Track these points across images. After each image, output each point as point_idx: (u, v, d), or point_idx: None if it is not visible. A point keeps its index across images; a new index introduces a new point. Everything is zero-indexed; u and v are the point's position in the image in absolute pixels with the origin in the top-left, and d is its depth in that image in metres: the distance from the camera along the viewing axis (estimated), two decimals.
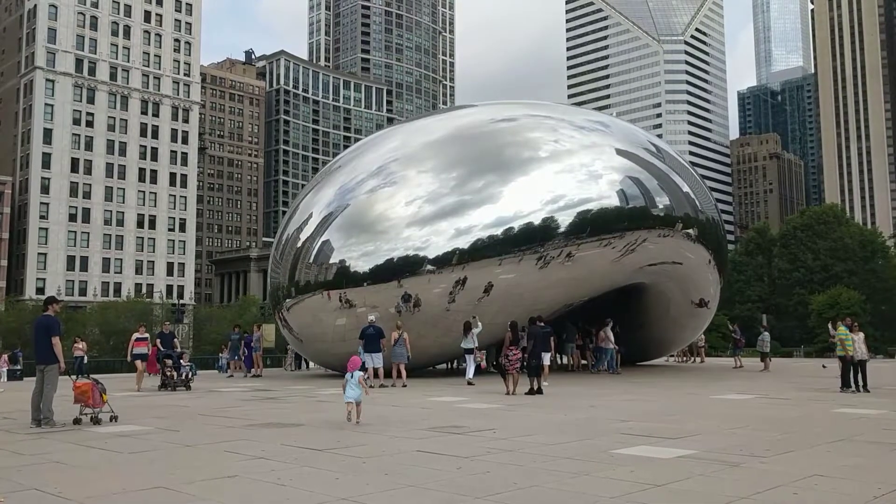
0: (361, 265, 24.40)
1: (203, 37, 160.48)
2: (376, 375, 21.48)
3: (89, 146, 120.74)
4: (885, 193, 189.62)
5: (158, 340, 22.98)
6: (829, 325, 22.34)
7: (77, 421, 12.65)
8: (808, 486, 7.51)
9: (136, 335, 23.02)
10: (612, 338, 27.70)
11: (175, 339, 23.80)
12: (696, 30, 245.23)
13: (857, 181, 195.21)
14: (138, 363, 22.34)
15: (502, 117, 29.55)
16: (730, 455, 9.28)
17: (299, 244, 26.11)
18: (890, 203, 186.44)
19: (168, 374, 21.70)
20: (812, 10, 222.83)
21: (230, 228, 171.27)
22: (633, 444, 10.09)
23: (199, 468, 8.66)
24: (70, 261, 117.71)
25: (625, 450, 9.66)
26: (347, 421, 12.55)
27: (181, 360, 22.26)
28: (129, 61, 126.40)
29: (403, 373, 22.15)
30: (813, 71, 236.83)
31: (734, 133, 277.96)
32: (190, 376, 22.20)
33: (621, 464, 8.69)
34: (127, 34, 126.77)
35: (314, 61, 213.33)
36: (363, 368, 16.37)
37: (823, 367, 31.29)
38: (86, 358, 33.63)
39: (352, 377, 12.74)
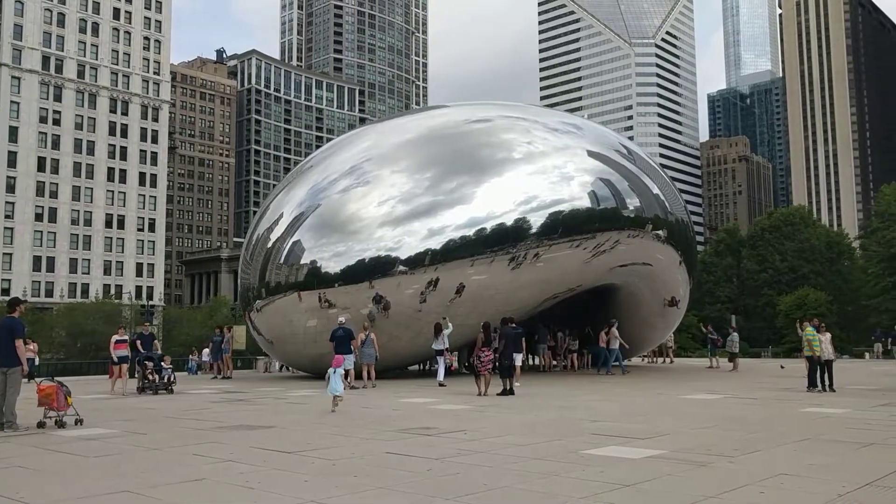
0: (333, 266, 24.21)
1: (173, 35, 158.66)
2: (347, 377, 21.36)
3: (56, 145, 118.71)
4: (851, 196, 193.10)
5: (139, 342, 22.39)
6: (797, 326, 22.63)
7: (41, 424, 12.41)
8: (775, 484, 7.60)
9: (115, 337, 22.18)
10: (619, 337, 28.09)
11: (156, 341, 23.26)
12: (667, 33, 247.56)
13: (824, 183, 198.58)
14: (118, 366, 21.52)
15: (477, 118, 29.56)
16: (698, 455, 9.36)
17: (270, 244, 25.86)
18: (855, 205, 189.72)
19: (150, 377, 21.16)
20: (780, 15, 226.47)
21: (201, 228, 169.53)
22: (603, 445, 10.14)
23: (166, 472, 8.53)
24: (36, 261, 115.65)
25: (595, 450, 9.70)
26: (332, 412, 14.21)
27: (162, 363, 21.75)
28: (97, 59, 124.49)
29: (373, 373, 22.09)
30: (781, 75, 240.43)
31: (704, 135, 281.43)
32: (172, 379, 21.70)
33: (591, 464, 8.72)
34: (95, 31, 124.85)
35: (286, 61, 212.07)
36: None
37: (781, 367, 31.93)
38: (37, 360, 32.79)
39: (334, 373, 14.28)
